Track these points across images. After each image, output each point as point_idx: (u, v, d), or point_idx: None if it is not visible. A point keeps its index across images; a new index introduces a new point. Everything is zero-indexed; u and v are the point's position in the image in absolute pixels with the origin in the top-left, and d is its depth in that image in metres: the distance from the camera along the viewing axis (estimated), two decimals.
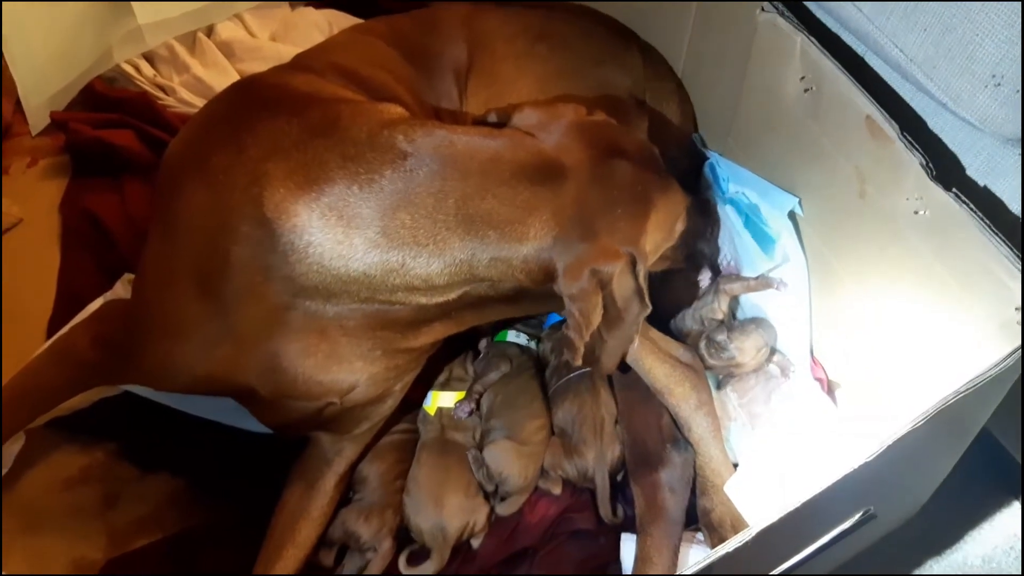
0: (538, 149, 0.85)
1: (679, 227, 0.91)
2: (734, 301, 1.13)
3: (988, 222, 0.80)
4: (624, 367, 1.02)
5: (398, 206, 0.80)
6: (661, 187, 0.89)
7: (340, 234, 0.80)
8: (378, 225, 0.80)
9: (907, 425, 0.70)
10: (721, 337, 1.06)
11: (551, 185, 0.83)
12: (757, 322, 1.08)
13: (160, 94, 1.41)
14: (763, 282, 1.07)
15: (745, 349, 1.06)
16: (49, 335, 1.19)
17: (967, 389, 0.72)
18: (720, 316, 1.10)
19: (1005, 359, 0.74)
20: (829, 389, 1.07)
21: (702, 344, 1.09)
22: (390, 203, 0.80)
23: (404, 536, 1.07)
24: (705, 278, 1.09)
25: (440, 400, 1.12)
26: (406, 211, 0.80)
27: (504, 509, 1.06)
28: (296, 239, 0.80)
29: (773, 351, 1.08)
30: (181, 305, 0.87)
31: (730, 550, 0.66)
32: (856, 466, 0.69)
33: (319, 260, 0.81)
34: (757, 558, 0.77)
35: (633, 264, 0.83)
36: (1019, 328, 0.79)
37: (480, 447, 1.08)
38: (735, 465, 1.04)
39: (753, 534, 0.66)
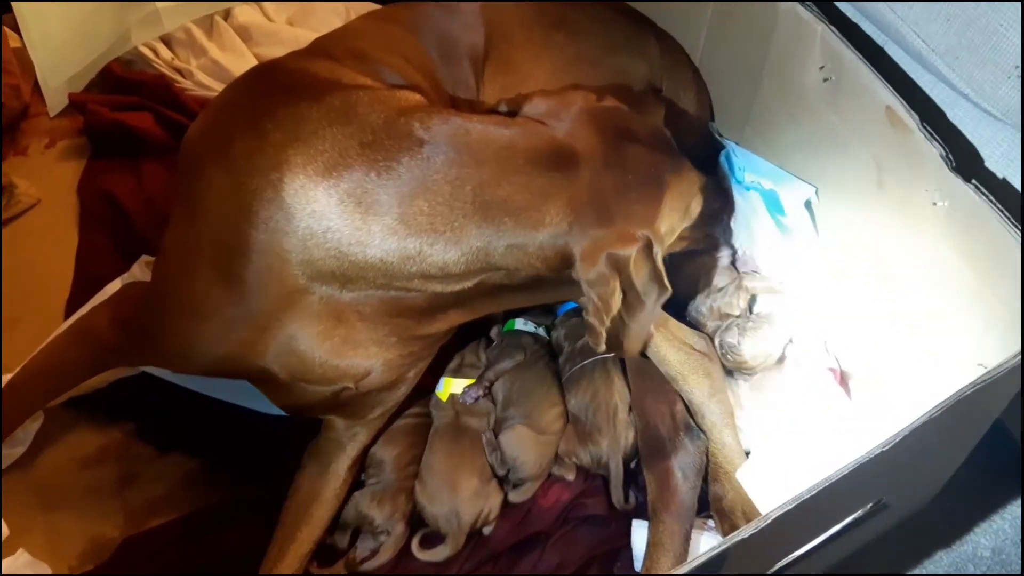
0: (550, 136, 0.86)
1: (695, 207, 0.91)
2: (752, 298, 1.13)
3: (1008, 214, 0.80)
4: (641, 353, 1.03)
5: (415, 193, 0.81)
6: (674, 168, 0.89)
7: (358, 220, 0.81)
8: (396, 212, 0.81)
9: (923, 416, 0.70)
10: (732, 340, 1.07)
11: (565, 172, 0.84)
12: (771, 322, 1.08)
13: (178, 77, 1.41)
14: (785, 288, 1.07)
15: (756, 354, 1.06)
16: (67, 315, 1.21)
17: (983, 381, 0.72)
18: (737, 312, 1.10)
19: (1016, 355, 0.74)
20: (842, 380, 1.07)
21: (716, 341, 1.09)
22: (408, 190, 0.81)
23: (417, 520, 1.07)
24: (725, 256, 1.09)
25: (452, 386, 1.12)
26: (423, 198, 0.81)
27: (517, 496, 1.06)
28: (315, 224, 0.81)
29: (784, 355, 1.08)
30: (200, 288, 0.88)
31: (744, 536, 0.66)
32: (871, 455, 0.69)
33: (337, 246, 0.82)
34: (769, 546, 0.78)
35: (649, 247, 0.84)
36: None
37: (496, 432, 1.09)
38: (747, 453, 1.04)
39: (767, 521, 0.67)
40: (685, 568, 0.66)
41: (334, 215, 0.81)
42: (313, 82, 0.91)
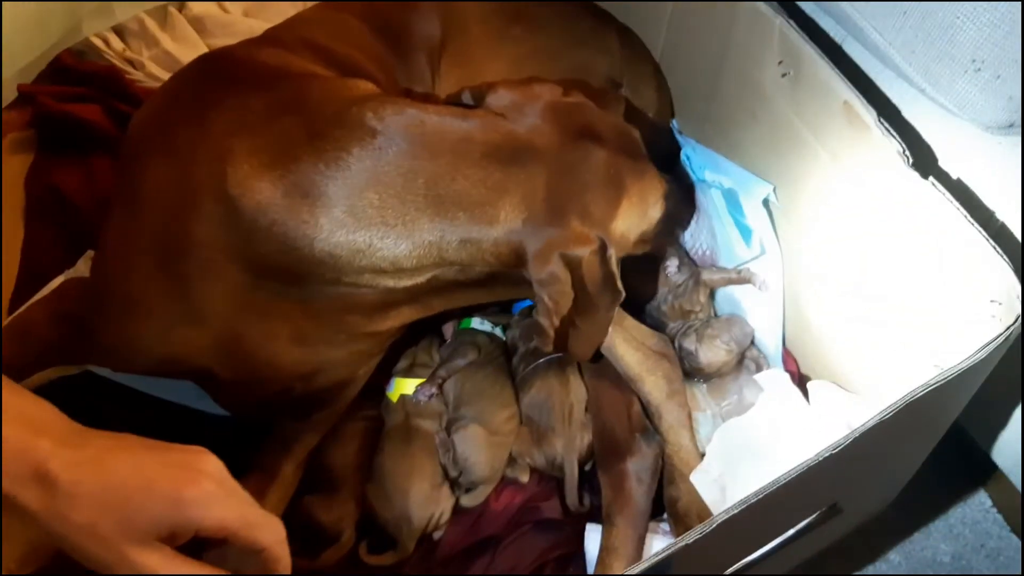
0: (509, 130, 0.84)
1: (654, 213, 0.89)
2: (711, 293, 1.12)
3: (965, 212, 0.79)
4: (596, 356, 1.01)
5: (366, 185, 0.78)
6: (635, 172, 0.88)
7: (305, 213, 0.78)
8: (345, 204, 0.78)
9: (873, 418, 0.69)
10: (689, 347, 1.05)
11: (522, 167, 0.81)
12: (731, 324, 1.06)
13: (129, 68, 1.37)
14: (744, 277, 1.05)
15: (712, 361, 1.04)
16: (10, 312, 1.17)
17: (936, 383, 0.70)
18: (698, 308, 1.09)
19: (978, 351, 0.72)
20: (800, 382, 1.06)
21: (675, 343, 1.07)
22: (357, 182, 0.78)
23: (367, 524, 1.05)
24: (672, 264, 1.07)
25: (404, 387, 1.09)
26: (374, 190, 0.78)
27: (469, 501, 1.03)
28: (260, 217, 0.78)
29: (743, 355, 1.07)
30: (141, 283, 0.85)
31: (690, 541, 0.64)
32: (820, 457, 0.67)
33: (283, 240, 0.79)
34: (718, 550, 0.76)
35: (604, 249, 0.82)
36: (992, 320, 0.77)
37: (448, 432, 1.06)
38: (703, 455, 1.02)
39: (714, 525, 0.65)
40: (632, 571, 0.64)
41: (280, 208, 0.78)
42: (261, 71, 0.89)
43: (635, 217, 0.87)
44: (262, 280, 0.82)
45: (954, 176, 0.89)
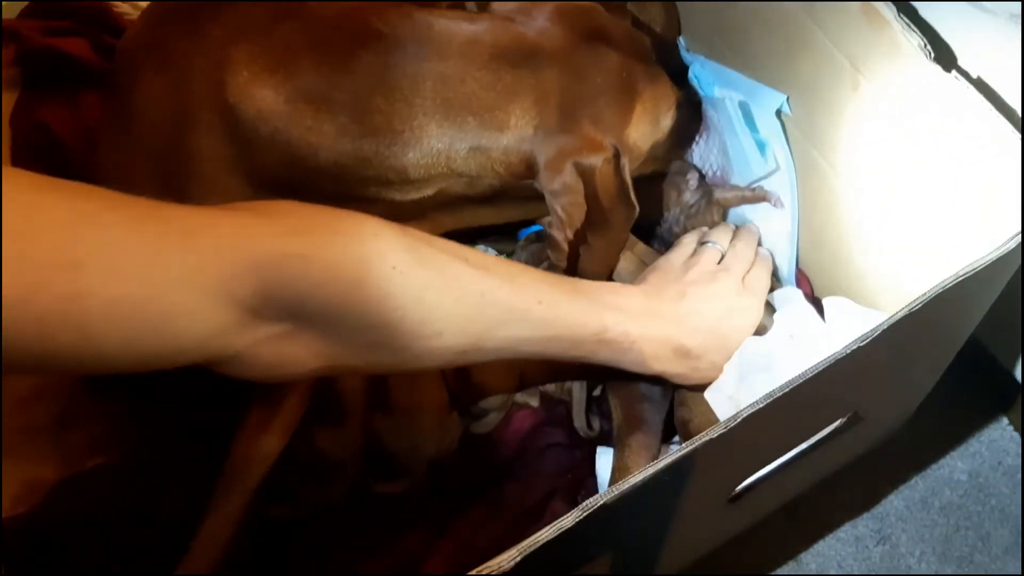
0: (519, 33, 0.81)
1: (666, 122, 0.87)
2: (725, 212, 1.08)
3: (990, 103, 0.76)
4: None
5: (371, 90, 0.76)
6: (648, 77, 0.85)
7: (309, 120, 0.76)
8: (350, 110, 0.76)
9: (903, 309, 0.66)
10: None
11: (533, 71, 0.79)
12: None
13: (115, 0, 1.33)
14: (759, 194, 1.02)
15: None
16: None
17: (964, 274, 0.68)
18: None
19: (1003, 244, 0.70)
20: (814, 302, 1.04)
21: None
22: (363, 86, 0.76)
23: (374, 455, 1.02)
24: (693, 178, 1.04)
25: None
26: (380, 95, 0.76)
27: (480, 427, 1.01)
28: (261, 126, 0.76)
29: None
30: None
31: (714, 436, 0.62)
32: (848, 350, 0.65)
33: (286, 149, 0.77)
34: (741, 453, 0.74)
35: (618, 158, 0.79)
36: (1015, 218, 0.75)
37: None
38: None
39: (739, 419, 0.62)
40: (650, 470, 0.61)
41: (282, 115, 0.75)
42: None
43: (648, 125, 0.85)
44: (264, 193, 0.80)
45: (974, 75, 0.86)
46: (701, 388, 0.97)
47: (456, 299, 0.67)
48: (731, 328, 0.83)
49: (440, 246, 0.69)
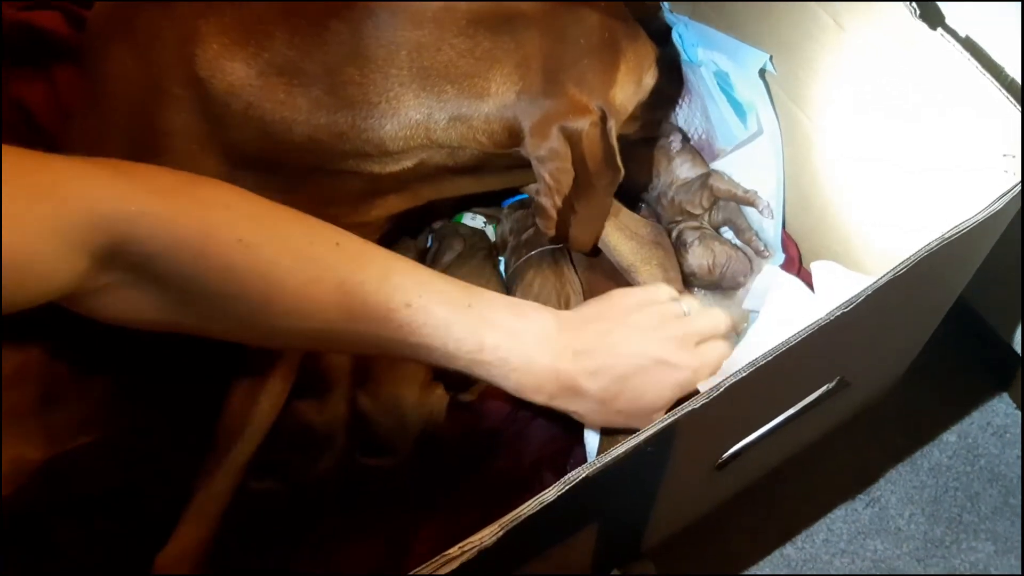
0: None
1: (649, 80, 0.85)
2: (715, 201, 1.06)
3: (976, 62, 0.74)
4: (594, 250, 0.97)
5: (345, 60, 0.74)
6: (629, 35, 0.83)
7: (281, 93, 0.74)
8: (324, 82, 0.74)
9: (888, 274, 0.65)
10: (689, 237, 1.02)
11: (512, 34, 0.77)
12: (733, 258, 1.01)
13: None
14: (749, 198, 1.00)
15: (695, 270, 1.02)
16: None
17: (951, 235, 0.67)
18: (698, 211, 1.04)
19: (990, 204, 0.69)
20: (800, 265, 1.03)
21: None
22: (336, 57, 0.74)
23: (360, 429, 1.02)
24: (676, 141, 1.03)
25: None
26: (354, 65, 0.74)
27: (467, 396, 1.01)
28: (233, 101, 0.74)
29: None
30: None
31: (696, 407, 0.61)
32: (831, 316, 0.64)
33: (260, 124, 0.75)
34: (725, 423, 0.73)
35: (604, 120, 0.77)
36: (1006, 175, 0.74)
37: None
38: None
39: (721, 389, 0.61)
40: (632, 442, 0.61)
41: (254, 89, 0.74)
42: None
43: (632, 84, 0.83)
44: (240, 171, 0.79)
45: (962, 34, 0.84)
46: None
47: (306, 283, 0.66)
48: (650, 383, 0.73)
49: (311, 227, 0.69)
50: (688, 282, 1.03)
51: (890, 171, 0.86)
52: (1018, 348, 1.04)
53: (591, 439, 0.97)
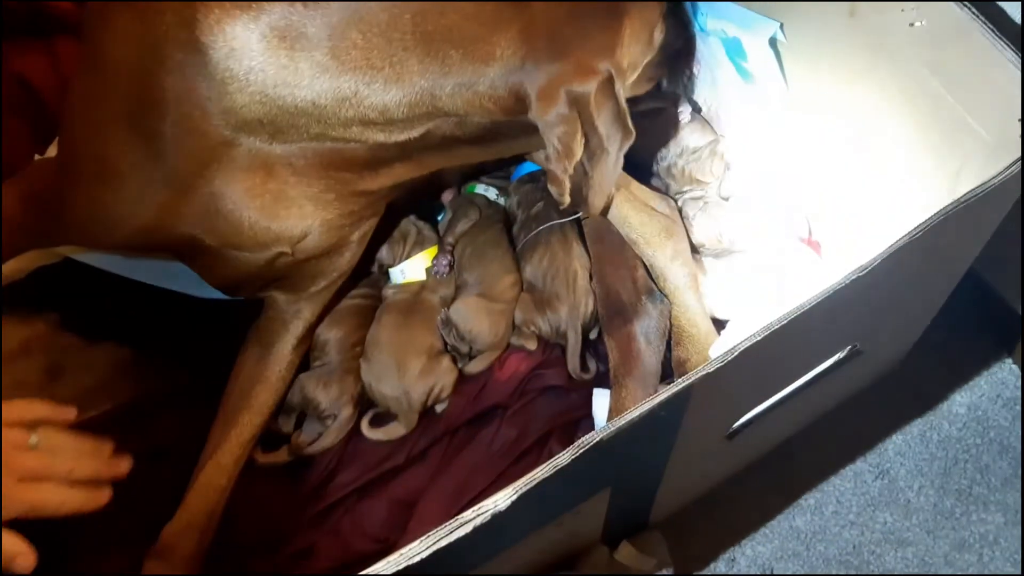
0: None
1: (657, 37, 0.83)
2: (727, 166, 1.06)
3: (993, 27, 0.73)
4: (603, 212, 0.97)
5: (348, 24, 0.73)
6: None
7: (284, 58, 0.73)
8: (326, 46, 0.73)
9: (900, 240, 0.65)
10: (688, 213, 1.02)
11: None
12: (730, 207, 1.01)
13: None
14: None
15: (709, 235, 1.01)
16: None
17: (963, 202, 0.66)
18: (709, 179, 1.04)
19: (1002, 172, 0.68)
20: (812, 240, 1.02)
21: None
22: (338, 20, 0.73)
23: (367, 403, 1.02)
24: (686, 112, 1.02)
25: (409, 271, 1.05)
26: (357, 29, 0.73)
27: (474, 367, 1.00)
28: (235, 65, 0.73)
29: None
30: (113, 147, 0.80)
31: (711, 370, 0.61)
32: (847, 280, 0.63)
33: (262, 88, 0.74)
34: (740, 388, 0.73)
35: (611, 82, 0.76)
36: (1021, 141, 0.73)
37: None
38: (711, 317, 0.99)
39: (736, 353, 0.61)
40: (646, 405, 0.60)
41: (256, 53, 0.73)
42: None
43: (639, 44, 0.81)
44: (242, 135, 0.78)
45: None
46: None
47: None
48: None
49: None
50: (697, 251, 1.02)
51: (903, 139, 0.86)
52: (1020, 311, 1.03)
53: (600, 411, 0.97)
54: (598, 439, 0.58)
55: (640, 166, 1.05)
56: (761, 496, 1.06)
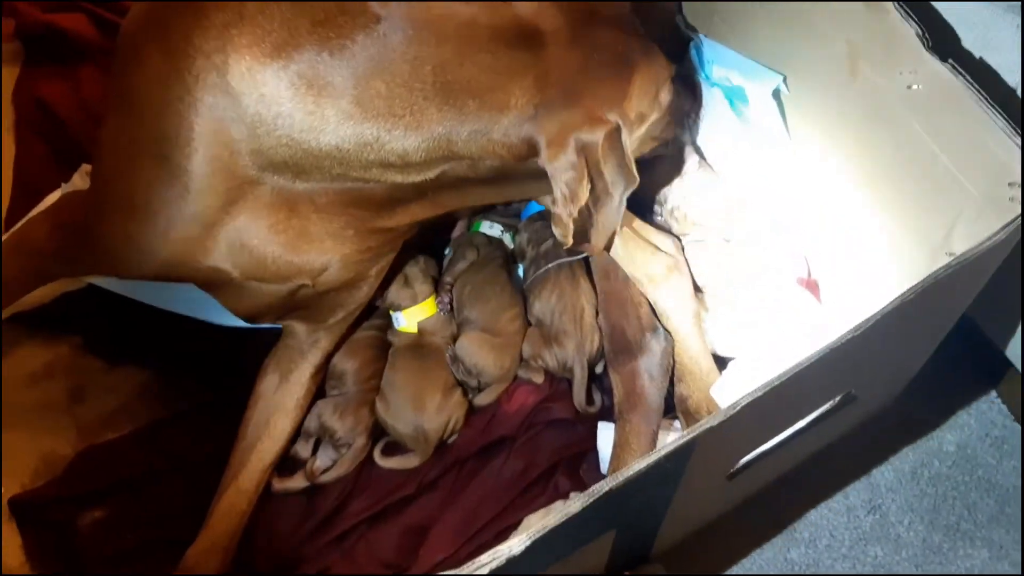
0: (514, 13, 0.81)
1: (664, 96, 0.87)
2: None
3: (984, 94, 0.77)
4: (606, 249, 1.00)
5: (372, 74, 0.77)
6: (644, 51, 0.85)
7: (311, 104, 0.77)
8: (351, 94, 0.77)
9: (894, 301, 0.69)
10: (676, 200, 1.06)
11: (530, 51, 0.79)
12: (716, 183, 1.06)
13: None
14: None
15: (705, 209, 1.05)
16: (6, 228, 1.15)
17: (955, 265, 0.70)
18: (711, 223, 1.07)
19: (994, 235, 0.72)
20: (812, 287, 1.05)
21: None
22: (363, 71, 0.77)
23: (380, 432, 1.05)
24: (692, 161, 1.06)
25: (413, 316, 1.08)
26: (380, 79, 0.77)
27: (482, 399, 1.04)
28: (264, 110, 0.77)
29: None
30: (142, 184, 0.83)
31: (714, 424, 0.65)
32: (842, 340, 0.67)
33: (288, 133, 0.78)
34: (738, 436, 0.76)
35: (618, 132, 0.80)
36: (1011, 203, 0.77)
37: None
38: (713, 355, 1.03)
39: (738, 408, 0.65)
40: (653, 457, 0.64)
41: (285, 99, 0.77)
42: None
43: (647, 98, 0.85)
44: (267, 174, 0.82)
45: (976, 55, 0.87)
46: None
47: None
48: None
49: None
50: (700, 290, 1.06)
51: (899, 198, 0.89)
52: (1016, 363, 1.07)
53: (604, 445, 1.00)
54: (608, 488, 0.62)
55: (643, 204, 1.08)
56: (757, 529, 1.09)
